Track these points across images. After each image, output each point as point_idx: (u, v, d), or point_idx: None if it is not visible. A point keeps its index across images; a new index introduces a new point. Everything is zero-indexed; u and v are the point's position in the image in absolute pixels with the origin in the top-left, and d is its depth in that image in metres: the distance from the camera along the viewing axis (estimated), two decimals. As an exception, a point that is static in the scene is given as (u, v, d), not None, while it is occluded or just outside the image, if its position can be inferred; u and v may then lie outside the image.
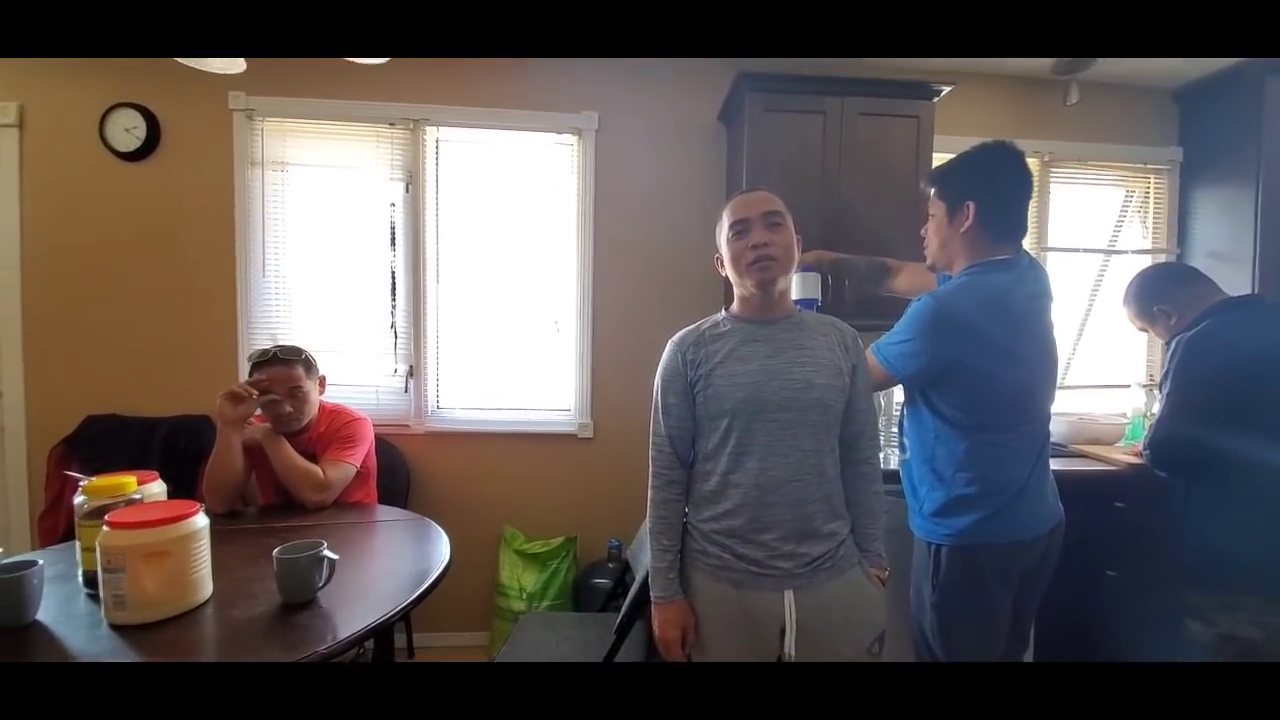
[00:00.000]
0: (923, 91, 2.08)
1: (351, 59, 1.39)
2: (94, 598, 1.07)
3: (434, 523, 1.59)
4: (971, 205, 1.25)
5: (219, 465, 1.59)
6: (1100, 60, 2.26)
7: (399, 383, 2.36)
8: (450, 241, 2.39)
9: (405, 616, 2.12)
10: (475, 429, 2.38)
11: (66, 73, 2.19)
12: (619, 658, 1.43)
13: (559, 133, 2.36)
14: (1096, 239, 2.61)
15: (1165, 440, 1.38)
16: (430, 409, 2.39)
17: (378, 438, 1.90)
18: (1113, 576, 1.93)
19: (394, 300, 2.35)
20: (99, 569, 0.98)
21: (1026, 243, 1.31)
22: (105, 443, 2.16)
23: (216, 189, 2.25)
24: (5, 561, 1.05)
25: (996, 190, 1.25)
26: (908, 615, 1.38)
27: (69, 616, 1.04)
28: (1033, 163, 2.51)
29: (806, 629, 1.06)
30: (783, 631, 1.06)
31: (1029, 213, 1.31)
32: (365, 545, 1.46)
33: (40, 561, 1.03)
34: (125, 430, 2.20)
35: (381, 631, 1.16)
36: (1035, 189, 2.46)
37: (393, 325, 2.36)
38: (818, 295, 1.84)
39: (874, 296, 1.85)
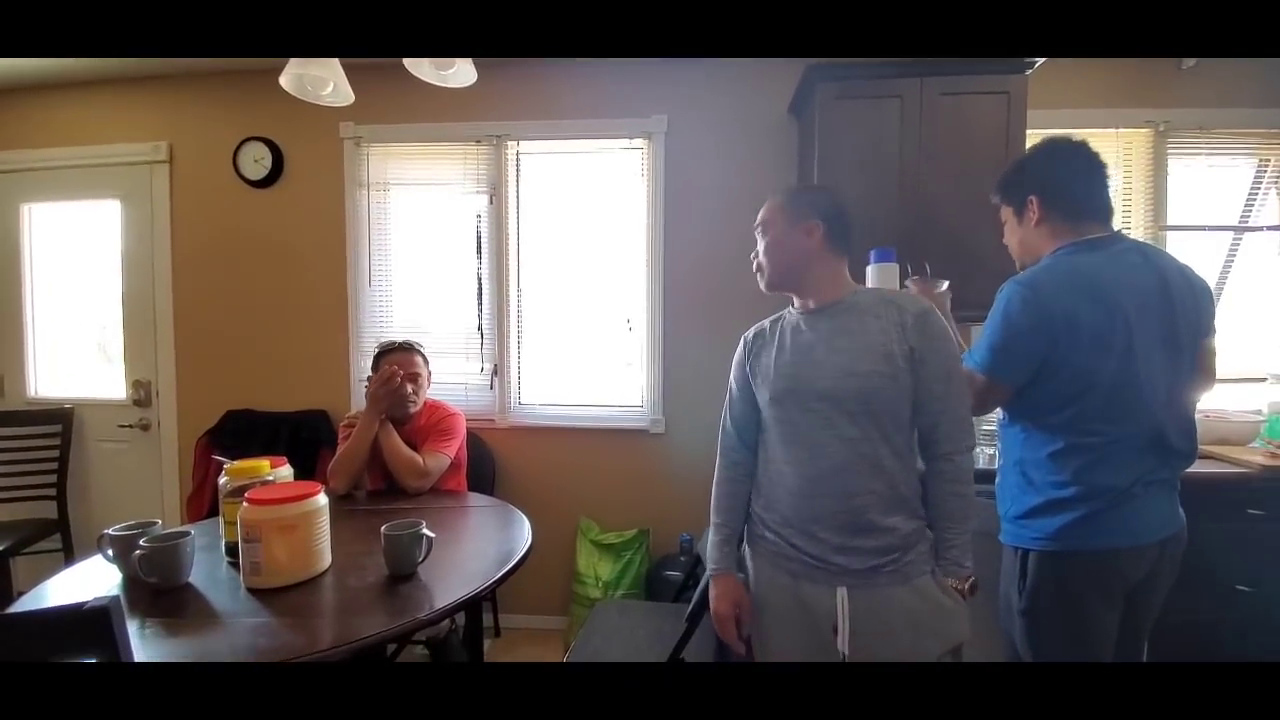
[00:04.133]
0: (1013, 65, 1.96)
1: (444, 85, 1.50)
2: (234, 565, 1.25)
3: (518, 510, 1.71)
4: (1034, 199, 1.21)
5: (357, 444, 1.77)
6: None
7: (485, 380, 2.53)
8: (530, 248, 2.52)
9: (492, 595, 2.33)
10: (553, 424, 2.50)
11: (206, 113, 2.54)
12: (688, 647, 1.47)
13: (630, 138, 2.43)
14: (1225, 216, 2.33)
15: None
16: (513, 405, 2.53)
17: (468, 431, 2.05)
18: (1246, 593, 1.73)
19: (480, 304, 2.52)
20: (239, 539, 1.15)
21: (1139, 225, 1.20)
22: (241, 434, 2.48)
23: (330, 209, 2.52)
24: (164, 532, 1.25)
25: (1056, 176, 1.20)
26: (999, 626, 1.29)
27: (214, 581, 1.22)
28: (1145, 135, 2.29)
29: (862, 631, 1.01)
30: (836, 629, 1.02)
31: (1108, 194, 1.19)
32: (458, 527, 1.59)
33: (192, 532, 1.22)
34: (258, 423, 2.52)
35: (471, 606, 1.27)
36: (1141, 165, 2.27)
37: (479, 327, 2.53)
38: (896, 286, 1.79)
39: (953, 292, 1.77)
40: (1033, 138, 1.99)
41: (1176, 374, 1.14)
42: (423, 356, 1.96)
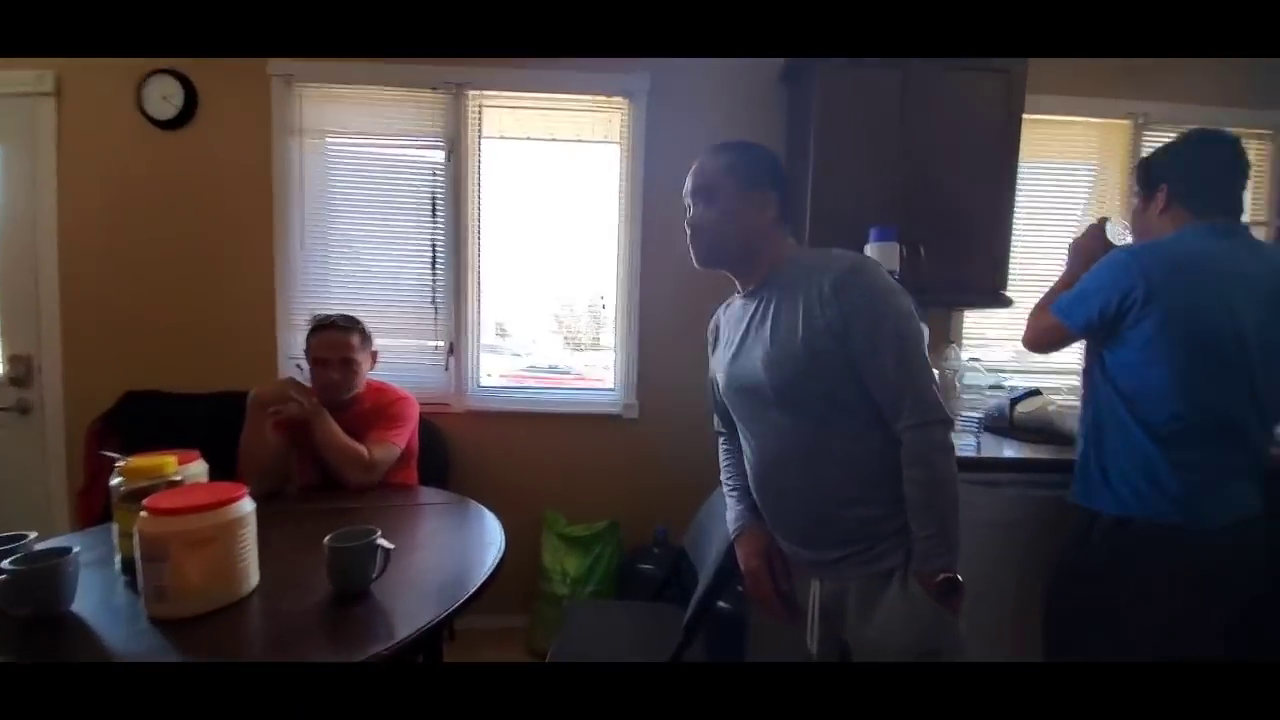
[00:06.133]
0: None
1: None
2: (133, 585, 0.99)
3: (483, 507, 1.50)
4: (1165, 187, 1.19)
5: (248, 444, 1.53)
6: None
7: (440, 359, 2.28)
8: (494, 212, 2.27)
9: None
10: (517, 408, 2.29)
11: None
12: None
13: (608, 95, 2.21)
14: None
15: None
16: (471, 387, 2.30)
17: (420, 417, 1.81)
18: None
19: (435, 273, 2.26)
20: (137, 558, 0.90)
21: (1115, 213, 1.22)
22: (144, 421, 2.12)
23: (254, 158, 2.17)
24: (41, 547, 0.98)
25: (1193, 167, 1.17)
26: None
27: (108, 608, 0.96)
28: (1127, 124, 2.29)
29: (829, 627, 1.00)
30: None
31: (1238, 192, 1.16)
32: (413, 530, 1.37)
33: (75, 549, 0.95)
34: (164, 408, 2.16)
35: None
36: (1119, 156, 2.27)
37: (434, 299, 2.26)
38: (895, 267, 1.70)
39: (951, 273, 1.70)
40: (1030, 120, 1.94)
41: (1259, 383, 1.10)
42: (362, 334, 1.69)
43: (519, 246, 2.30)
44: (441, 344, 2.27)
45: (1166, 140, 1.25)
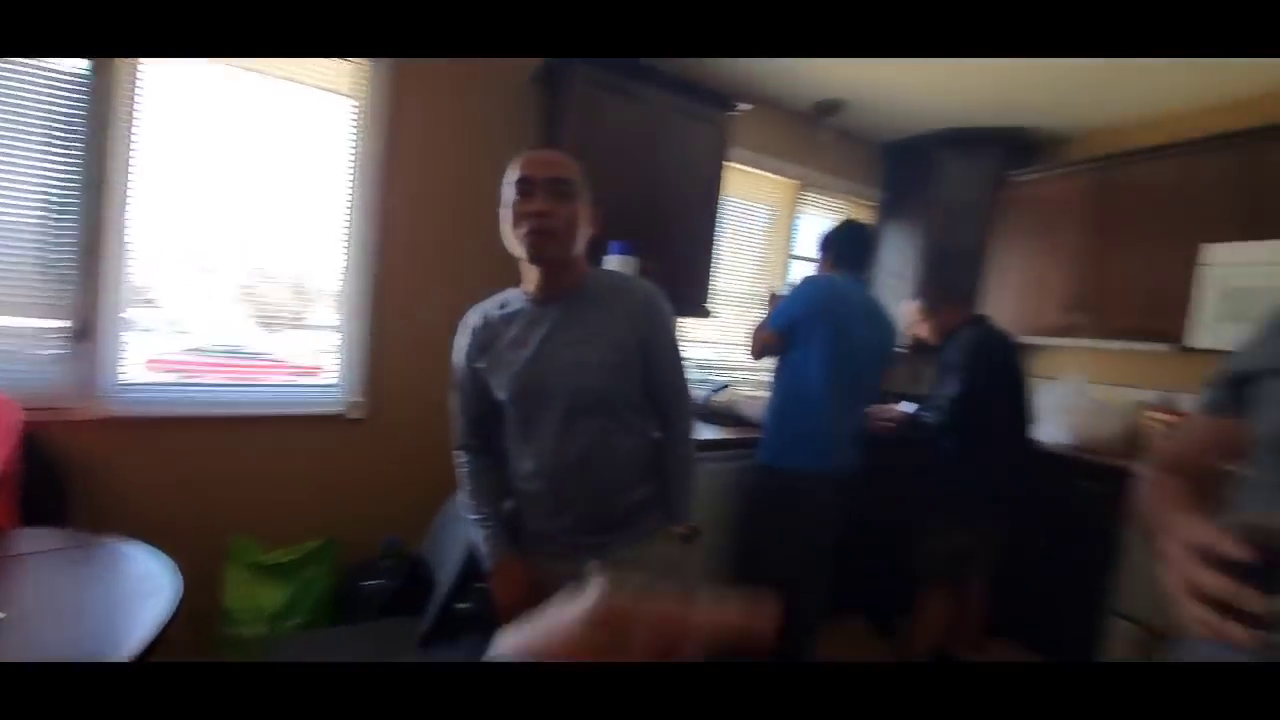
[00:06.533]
0: (723, 103, 2.24)
1: None
2: None
3: (136, 545, 1.14)
4: (828, 254, 1.94)
5: None
6: (849, 107, 2.73)
7: (59, 346, 1.64)
8: (156, 148, 1.70)
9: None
10: (184, 411, 1.79)
11: None
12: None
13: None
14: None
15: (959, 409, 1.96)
16: (109, 385, 1.71)
17: (23, 428, 1.28)
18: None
19: (55, 223, 1.61)
20: None
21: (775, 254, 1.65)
22: None
23: None
24: None
25: (841, 244, 1.91)
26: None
27: None
28: (789, 185, 2.93)
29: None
30: None
31: (860, 255, 1.93)
32: (11, 593, 0.97)
33: None
34: None
35: None
36: (785, 206, 2.93)
37: (53, 262, 1.61)
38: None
39: (669, 287, 1.99)
40: (736, 168, 2.35)
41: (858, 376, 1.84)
42: None
43: (192, 195, 1.76)
44: (65, 324, 1.63)
45: (822, 199, 1.70)
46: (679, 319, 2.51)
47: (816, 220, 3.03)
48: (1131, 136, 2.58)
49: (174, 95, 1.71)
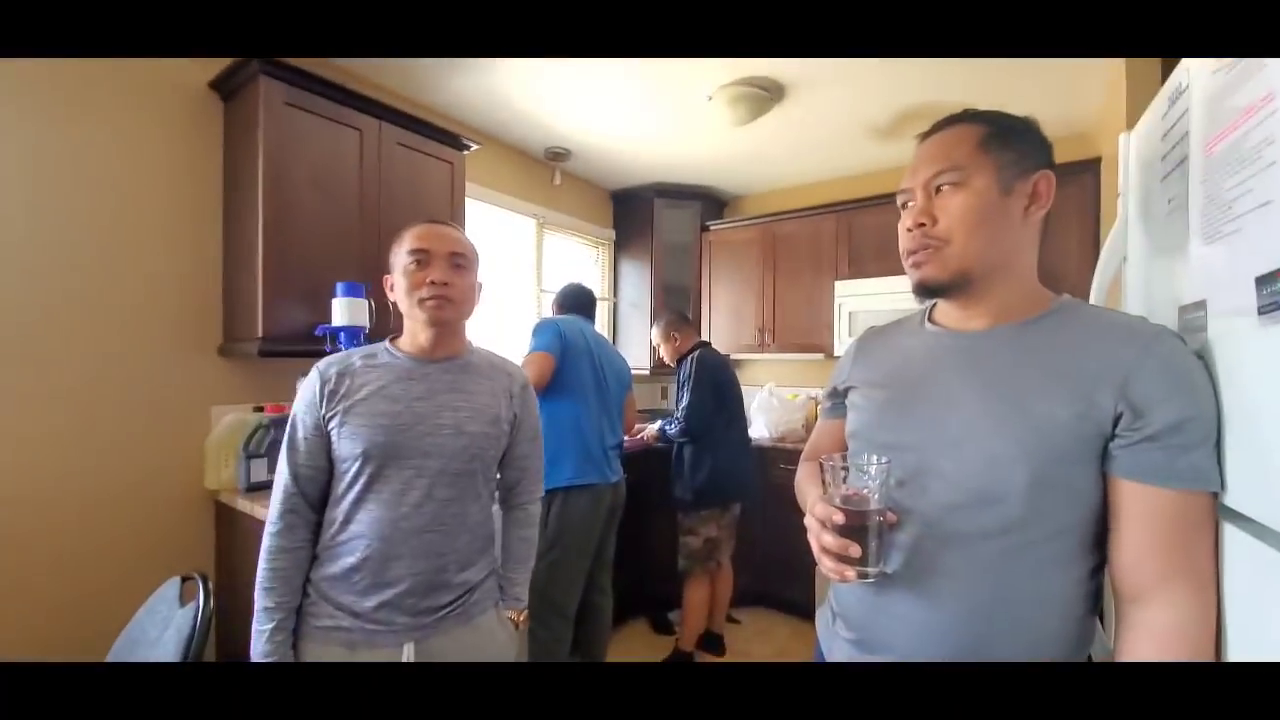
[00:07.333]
0: (455, 142, 2.23)
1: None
2: None
3: None
4: (558, 302, 2.28)
5: None
6: (575, 157, 2.98)
7: None
8: None
9: None
10: None
11: None
12: None
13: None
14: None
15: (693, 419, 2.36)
16: None
17: None
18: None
19: None
20: None
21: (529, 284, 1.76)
22: None
23: None
24: None
25: (569, 297, 2.27)
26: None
27: None
28: (532, 222, 3.06)
29: None
30: None
31: (584, 303, 2.29)
32: None
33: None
34: None
35: None
36: (530, 242, 3.07)
37: None
38: (365, 323, 1.74)
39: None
40: (472, 205, 2.35)
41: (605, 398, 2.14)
42: None
43: None
44: None
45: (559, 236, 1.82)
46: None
47: (559, 255, 3.23)
48: (787, 197, 3.40)
49: None
